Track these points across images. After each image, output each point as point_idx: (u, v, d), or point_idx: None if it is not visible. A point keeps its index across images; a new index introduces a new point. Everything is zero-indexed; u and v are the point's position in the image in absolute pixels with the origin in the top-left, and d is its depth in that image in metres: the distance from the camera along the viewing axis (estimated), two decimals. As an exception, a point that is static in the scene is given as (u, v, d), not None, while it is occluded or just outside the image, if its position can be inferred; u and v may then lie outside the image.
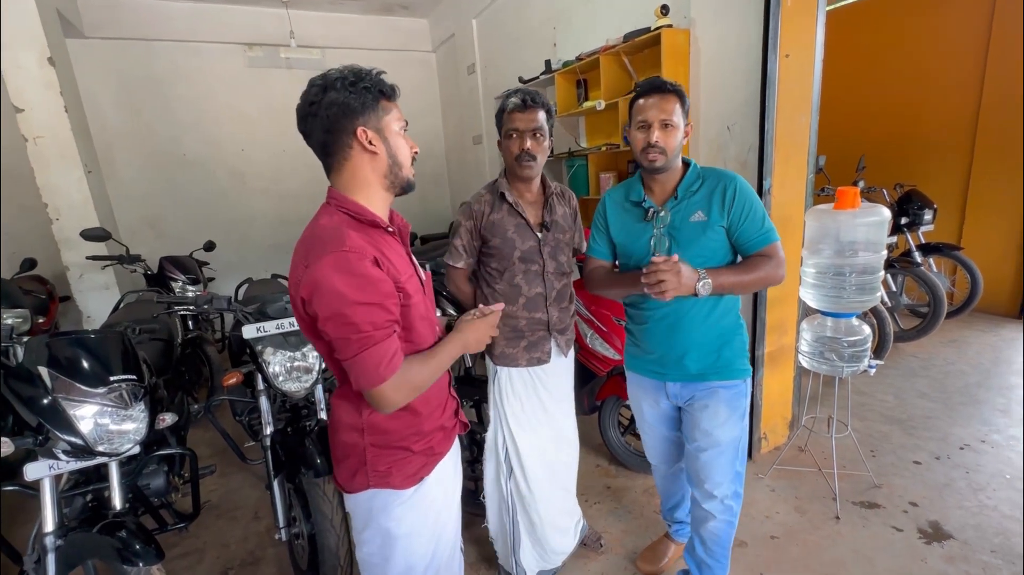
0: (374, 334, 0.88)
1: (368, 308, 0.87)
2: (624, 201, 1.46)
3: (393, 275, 0.93)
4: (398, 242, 1.04)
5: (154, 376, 2.01)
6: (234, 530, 2.25)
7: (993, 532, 1.88)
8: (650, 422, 1.61)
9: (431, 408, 1.10)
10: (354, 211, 0.96)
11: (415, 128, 6.64)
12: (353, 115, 0.92)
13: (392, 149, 0.97)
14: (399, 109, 0.99)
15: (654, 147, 1.30)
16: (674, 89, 1.32)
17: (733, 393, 1.42)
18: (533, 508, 1.70)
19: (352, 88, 0.91)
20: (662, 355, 1.45)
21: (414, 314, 1.00)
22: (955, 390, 2.92)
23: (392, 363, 0.91)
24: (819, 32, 2.07)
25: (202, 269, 3.93)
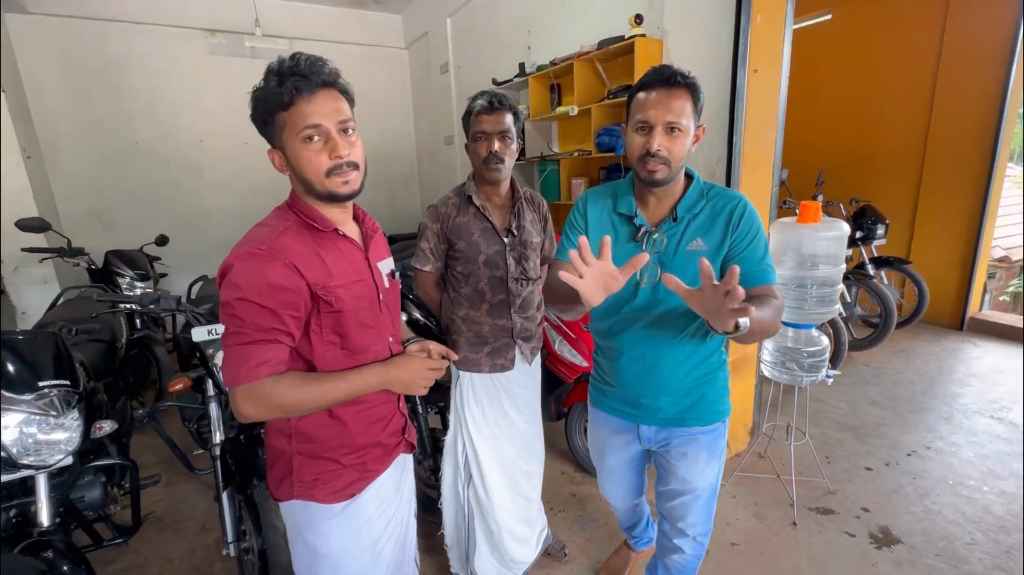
0: (250, 333, 0.85)
1: (258, 309, 0.85)
2: (611, 211, 1.21)
3: (320, 280, 0.90)
4: (354, 246, 1.00)
5: (92, 380, 1.88)
6: (179, 544, 2.12)
7: (938, 537, 1.96)
8: (613, 466, 1.44)
9: (366, 422, 1.04)
10: (303, 213, 0.94)
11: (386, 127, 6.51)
12: (266, 137, 0.91)
13: (295, 167, 0.90)
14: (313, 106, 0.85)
15: (655, 156, 1.04)
16: (686, 82, 1.04)
17: (713, 437, 1.26)
18: (491, 516, 1.68)
19: (253, 108, 0.88)
20: (635, 396, 1.26)
21: (349, 321, 0.95)
22: (903, 398, 3.06)
23: (255, 370, 0.85)
24: (786, 49, 2.12)
25: (153, 265, 3.72)
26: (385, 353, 1.05)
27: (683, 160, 1.08)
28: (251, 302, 0.84)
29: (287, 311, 0.87)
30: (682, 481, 1.28)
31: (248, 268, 0.85)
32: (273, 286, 0.85)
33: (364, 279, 1.00)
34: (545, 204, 1.68)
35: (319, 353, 0.96)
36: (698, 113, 1.08)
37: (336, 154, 0.88)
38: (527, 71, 3.37)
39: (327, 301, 0.92)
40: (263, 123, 0.89)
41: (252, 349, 0.85)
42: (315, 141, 0.87)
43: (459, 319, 1.61)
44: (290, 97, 0.84)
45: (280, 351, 0.88)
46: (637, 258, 0.91)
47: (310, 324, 0.93)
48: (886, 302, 3.50)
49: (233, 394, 0.87)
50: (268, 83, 0.86)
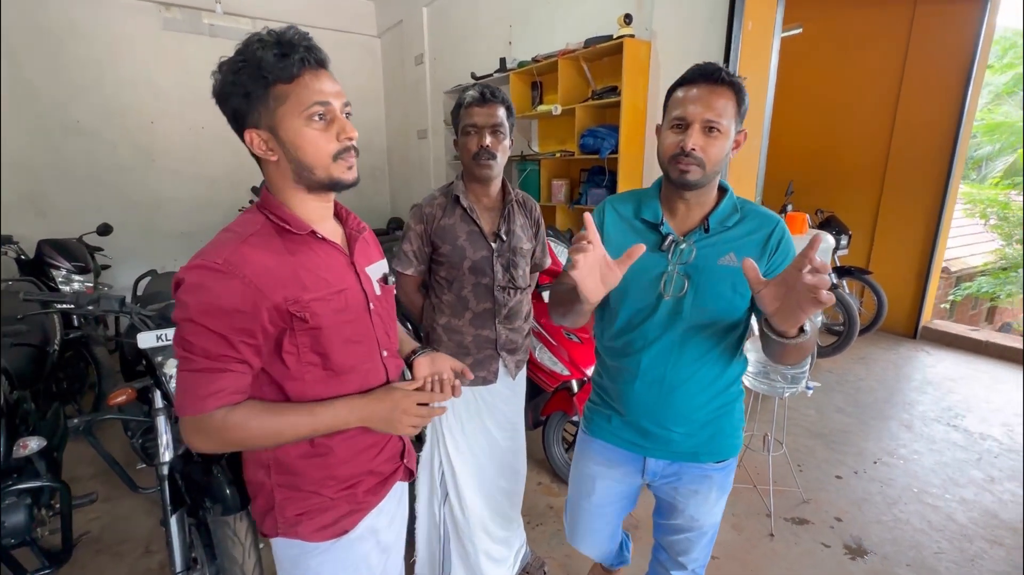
0: (198, 360, 0.75)
1: (205, 333, 0.74)
2: (633, 218, 1.10)
3: (290, 295, 0.78)
4: (335, 250, 0.87)
5: (16, 390, 1.66)
6: (118, 568, 1.91)
7: (907, 546, 1.99)
8: (599, 504, 1.27)
9: (355, 449, 0.91)
10: (275, 215, 0.81)
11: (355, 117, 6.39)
12: (241, 115, 0.76)
13: (292, 151, 0.77)
14: (318, 81, 0.77)
15: (689, 156, 0.95)
16: (731, 81, 0.96)
17: (726, 473, 1.16)
18: (467, 536, 1.59)
19: (235, 77, 0.74)
20: (646, 425, 1.13)
21: (330, 338, 0.83)
22: (866, 405, 3.15)
23: (202, 402, 0.75)
24: (774, 57, 2.12)
25: (94, 256, 3.41)
26: (378, 371, 0.93)
27: (719, 164, 0.98)
28: (199, 325, 0.73)
29: (239, 337, 0.76)
30: (690, 519, 1.19)
31: (198, 285, 0.74)
32: (223, 309, 0.74)
33: (349, 288, 0.87)
34: (538, 208, 1.59)
35: (297, 376, 0.83)
36: (741, 117, 1.00)
37: (346, 135, 0.80)
38: (508, 67, 3.28)
39: (301, 318, 0.79)
40: (244, 96, 0.74)
41: (200, 378, 0.75)
42: (321, 120, 0.77)
43: (440, 327, 1.50)
44: (298, 69, 0.74)
45: (233, 379, 0.77)
46: (634, 248, 0.86)
47: (283, 345, 0.81)
48: (850, 311, 3.60)
49: (182, 423, 0.78)
50: (260, 52, 0.73)
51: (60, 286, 3.05)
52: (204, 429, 0.77)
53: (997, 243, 7.73)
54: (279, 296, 0.77)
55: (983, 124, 7.91)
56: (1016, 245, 7.07)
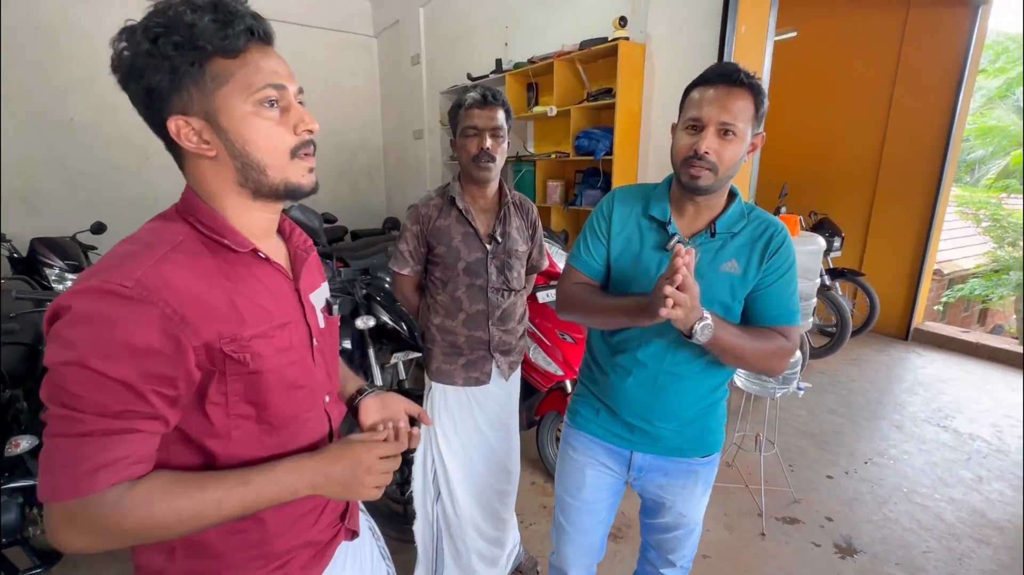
0: (87, 420, 0.54)
1: (103, 383, 0.54)
2: (640, 215, 1.08)
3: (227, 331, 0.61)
4: (279, 274, 0.70)
5: (8, 389, 1.65)
6: (111, 568, 1.91)
7: (896, 545, 2.02)
8: (589, 502, 1.23)
9: (294, 515, 0.72)
10: (204, 223, 0.64)
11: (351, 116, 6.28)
12: (160, 97, 0.59)
13: (237, 145, 0.61)
14: (269, 60, 0.62)
15: (702, 159, 0.93)
16: (749, 82, 0.93)
17: (710, 467, 1.18)
18: (459, 535, 1.60)
19: (152, 45, 0.56)
20: (635, 421, 1.13)
21: (272, 384, 0.66)
22: (858, 406, 3.17)
23: (91, 478, 0.54)
24: (767, 61, 2.13)
25: (87, 254, 3.39)
26: (320, 421, 0.76)
27: (733, 168, 0.96)
28: (92, 371, 0.53)
29: (152, 385, 0.56)
30: (678, 515, 1.20)
31: (94, 316, 0.54)
32: (132, 348, 0.55)
33: (292, 321, 0.70)
34: (535, 210, 1.60)
35: (222, 433, 0.64)
36: (759, 120, 0.97)
37: (305, 126, 0.64)
38: (504, 68, 3.29)
39: (239, 360, 0.62)
40: (169, 73, 0.57)
41: (89, 445, 0.54)
42: (274, 108, 0.62)
43: (434, 327, 1.51)
44: (245, 41, 0.59)
45: (139, 444, 0.57)
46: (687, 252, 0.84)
47: (208, 394, 0.62)
48: (842, 312, 3.63)
49: (48, 512, 0.55)
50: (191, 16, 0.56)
51: (53, 284, 3.03)
52: (86, 518, 0.55)
53: (989, 246, 7.80)
54: (211, 332, 0.60)
55: (976, 128, 7.97)
56: (1008, 248, 7.13)
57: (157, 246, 0.59)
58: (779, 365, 1.01)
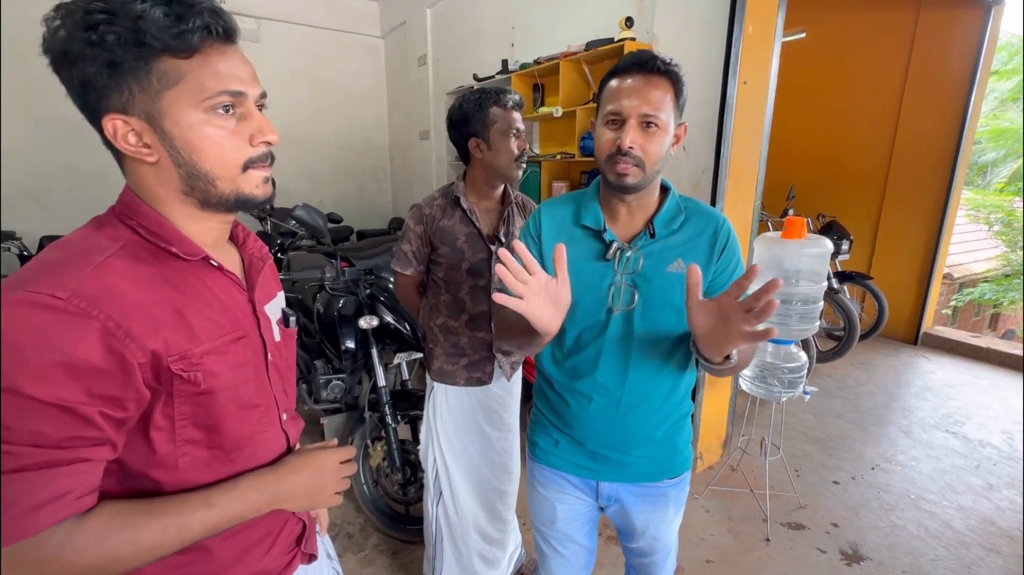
0: (22, 453, 0.47)
1: (38, 408, 0.47)
2: (572, 225, 1.00)
3: (175, 347, 0.55)
4: (232, 284, 0.65)
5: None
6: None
7: (903, 552, 1.99)
8: (567, 532, 1.16)
9: (244, 544, 0.66)
10: (148, 227, 0.58)
11: (357, 116, 6.27)
12: (95, 90, 0.52)
13: (182, 151, 0.55)
14: (226, 61, 0.55)
15: (626, 155, 0.86)
16: (667, 70, 0.87)
17: (680, 488, 1.11)
18: (460, 536, 1.60)
19: (91, 35, 0.49)
20: (600, 449, 1.04)
21: (224, 404, 0.61)
22: (865, 411, 3.14)
23: (35, 516, 0.48)
24: (774, 62, 2.11)
25: (96, 253, 3.42)
26: (277, 440, 0.70)
27: (660, 163, 0.90)
28: (24, 396, 0.47)
29: (99, 406, 0.50)
30: (652, 540, 1.13)
31: (22, 332, 0.47)
32: (72, 367, 0.48)
33: (247, 335, 0.65)
34: None
35: (169, 462, 0.58)
36: (680, 109, 0.90)
37: (263, 137, 0.59)
38: (510, 68, 3.28)
39: (188, 379, 0.56)
40: (108, 66, 0.50)
41: (24, 480, 0.47)
42: (230, 115, 0.57)
43: (436, 328, 1.51)
44: (199, 39, 0.52)
45: (85, 475, 0.51)
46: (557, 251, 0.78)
47: (152, 418, 0.56)
48: (850, 316, 3.59)
49: None
50: (139, 6, 0.49)
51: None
52: (32, 562, 0.48)
53: (1001, 249, 7.71)
54: (159, 347, 0.54)
55: (988, 130, 7.89)
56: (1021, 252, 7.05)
57: (93, 252, 0.53)
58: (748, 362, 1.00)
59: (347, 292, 2.02)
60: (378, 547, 2.00)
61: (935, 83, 3.99)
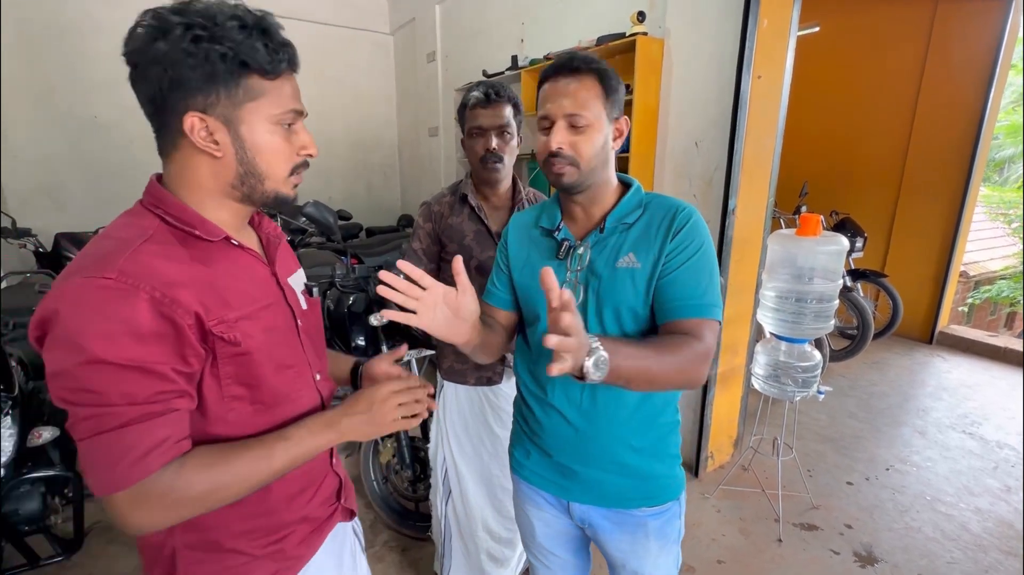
0: (121, 412, 0.56)
1: (124, 372, 0.56)
2: (532, 227, 1.01)
3: (212, 312, 0.63)
4: (254, 259, 0.74)
5: (31, 380, 1.69)
6: (129, 558, 1.94)
7: (919, 554, 1.96)
8: (548, 548, 1.10)
9: (291, 491, 0.76)
10: (173, 215, 0.65)
11: (366, 114, 6.26)
12: (185, 91, 0.61)
13: (249, 154, 0.65)
14: (290, 90, 0.67)
15: (558, 156, 0.87)
16: (590, 67, 0.87)
17: (664, 520, 0.99)
18: (469, 535, 1.59)
19: (195, 47, 0.59)
20: (567, 465, 0.98)
21: (262, 363, 0.69)
22: (879, 411, 3.09)
23: (144, 461, 0.57)
24: (789, 56, 2.08)
25: (110, 249, 3.46)
26: (312, 398, 0.79)
27: (596, 159, 0.88)
28: (109, 364, 0.55)
29: (171, 363, 0.60)
30: (633, 573, 1.02)
31: (91, 311, 0.55)
32: (139, 333, 0.57)
33: (275, 303, 0.74)
34: None
35: (218, 416, 0.67)
36: (614, 104, 0.89)
37: (307, 151, 0.71)
38: (520, 64, 3.26)
39: (228, 340, 0.64)
40: (206, 75, 0.60)
41: (128, 434, 0.57)
42: (288, 129, 0.68)
43: (447, 325, 1.50)
44: (282, 68, 0.65)
45: (175, 423, 0.61)
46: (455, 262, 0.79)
47: (202, 378, 0.65)
48: (864, 315, 3.54)
49: (112, 504, 0.58)
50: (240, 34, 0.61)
51: (76, 279, 3.10)
52: (150, 498, 0.58)
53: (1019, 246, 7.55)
54: (199, 310, 0.62)
55: (1006, 125, 7.72)
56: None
57: (130, 240, 0.61)
58: (697, 375, 0.82)
59: (357, 289, 2.02)
60: (388, 544, 2.01)
61: (953, 77, 3.91)
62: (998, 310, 7.92)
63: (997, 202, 7.42)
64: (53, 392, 0.57)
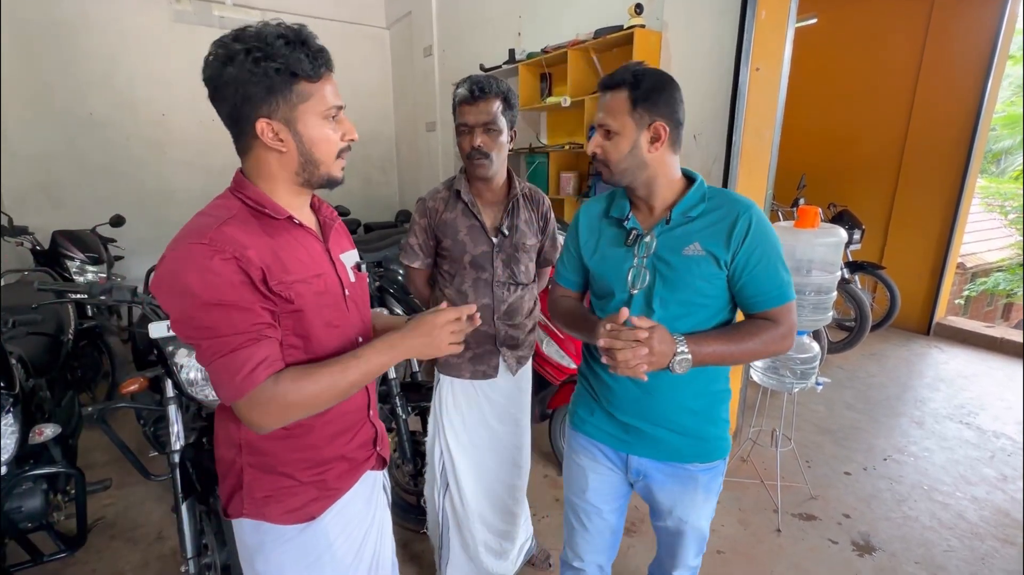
0: (231, 339, 0.75)
1: (229, 310, 0.74)
2: (603, 217, 1.15)
3: (275, 275, 0.79)
4: (311, 236, 0.89)
5: (31, 378, 1.69)
6: (132, 554, 1.95)
7: (916, 543, 1.98)
8: (596, 505, 1.23)
9: (332, 431, 0.92)
10: (251, 198, 0.82)
11: (363, 107, 6.22)
12: (254, 103, 0.76)
13: (306, 144, 0.81)
14: (330, 87, 0.82)
15: (595, 158, 1.06)
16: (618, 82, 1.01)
17: (711, 475, 1.14)
18: (467, 527, 1.60)
19: (256, 67, 0.74)
20: (629, 420, 1.12)
21: (312, 321, 0.84)
22: (877, 402, 3.11)
23: (252, 376, 0.75)
24: (787, 48, 2.07)
25: (107, 247, 3.45)
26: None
27: (625, 162, 1.03)
28: (217, 305, 0.73)
29: (260, 304, 0.77)
30: (678, 521, 1.16)
31: (197, 267, 0.73)
32: (232, 283, 0.74)
33: (326, 273, 0.89)
34: (547, 202, 1.55)
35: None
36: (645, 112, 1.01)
37: (350, 136, 0.85)
38: (517, 58, 3.25)
39: (286, 298, 0.81)
40: (266, 88, 0.75)
41: (240, 355, 0.75)
42: (333, 120, 0.83)
43: (443, 319, 1.50)
44: (323, 72, 0.79)
45: (271, 347, 0.78)
46: (620, 315, 0.94)
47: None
48: (862, 306, 3.56)
49: (238, 410, 0.78)
50: (285, 49, 0.75)
51: (74, 276, 3.09)
52: (262, 403, 0.76)
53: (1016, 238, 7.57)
54: (265, 270, 0.78)
55: (1003, 116, 7.71)
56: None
57: (218, 217, 0.78)
58: (780, 349, 1.01)
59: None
60: (390, 537, 2.02)
61: (951, 68, 3.90)
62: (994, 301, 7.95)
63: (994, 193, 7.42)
64: (180, 334, 0.76)
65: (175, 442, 1.53)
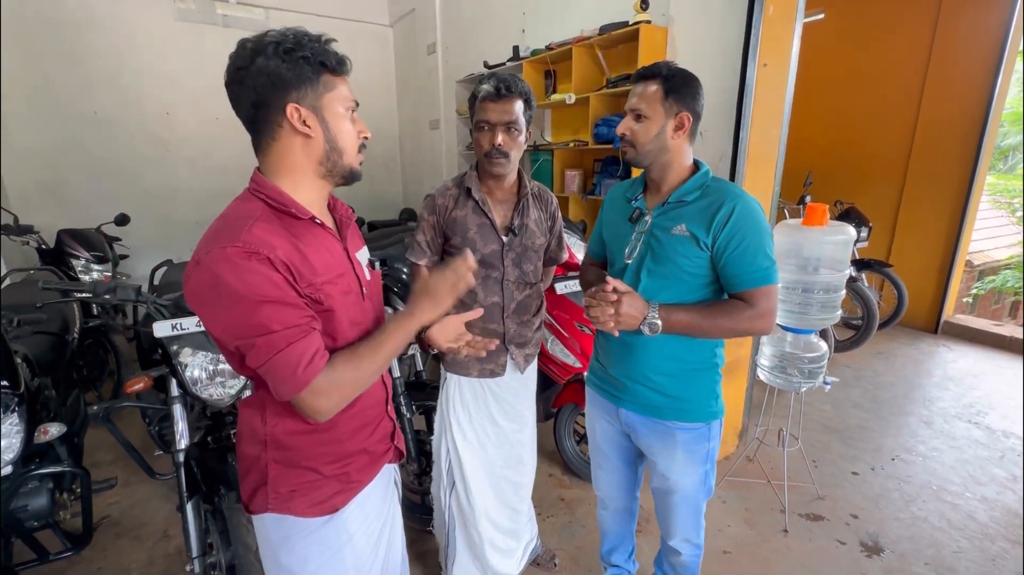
0: (284, 334, 0.77)
1: (277, 307, 0.76)
2: (622, 197, 1.31)
3: (305, 277, 0.81)
4: (331, 236, 0.91)
5: (36, 377, 1.69)
6: (138, 552, 1.95)
7: (926, 544, 1.96)
8: (603, 449, 1.44)
9: (354, 425, 0.96)
10: (273, 198, 0.83)
11: (366, 106, 6.20)
12: (285, 88, 0.79)
13: (331, 133, 0.84)
14: (348, 86, 0.86)
15: (623, 139, 1.21)
16: (654, 73, 1.16)
17: (692, 437, 1.24)
18: (473, 525, 1.60)
19: (287, 56, 0.78)
20: (617, 375, 1.29)
21: (340, 319, 0.87)
22: (884, 401, 3.09)
23: (312, 365, 0.79)
24: (795, 43, 2.05)
25: (112, 246, 3.45)
26: None
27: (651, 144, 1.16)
28: (265, 302, 0.75)
29: (301, 299, 0.80)
30: (662, 477, 1.30)
31: (239, 270, 0.74)
32: (274, 282, 0.77)
33: (347, 273, 0.91)
34: (555, 201, 1.55)
35: None
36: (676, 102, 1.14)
37: (364, 133, 0.90)
38: (521, 55, 3.23)
39: (316, 299, 0.83)
40: (296, 75, 0.79)
41: (295, 349, 0.77)
42: (352, 114, 0.87)
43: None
44: (344, 68, 0.85)
45: (319, 339, 0.82)
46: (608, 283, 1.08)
47: None
48: (869, 305, 3.53)
49: (302, 401, 0.80)
50: (313, 43, 0.80)
51: (79, 275, 3.10)
52: (323, 390, 0.80)
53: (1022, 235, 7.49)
54: (296, 276, 0.80)
55: (1011, 112, 7.62)
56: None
57: (245, 219, 0.78)
58: (754, 329, 1.11)
59: (361, 283, 2.01)
60: (394, 536, 2.02)
61: (959, 64, 3.86)
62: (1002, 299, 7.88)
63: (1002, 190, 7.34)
64: (230, 340, 0.77)
65: (180, 441, 1.52)
